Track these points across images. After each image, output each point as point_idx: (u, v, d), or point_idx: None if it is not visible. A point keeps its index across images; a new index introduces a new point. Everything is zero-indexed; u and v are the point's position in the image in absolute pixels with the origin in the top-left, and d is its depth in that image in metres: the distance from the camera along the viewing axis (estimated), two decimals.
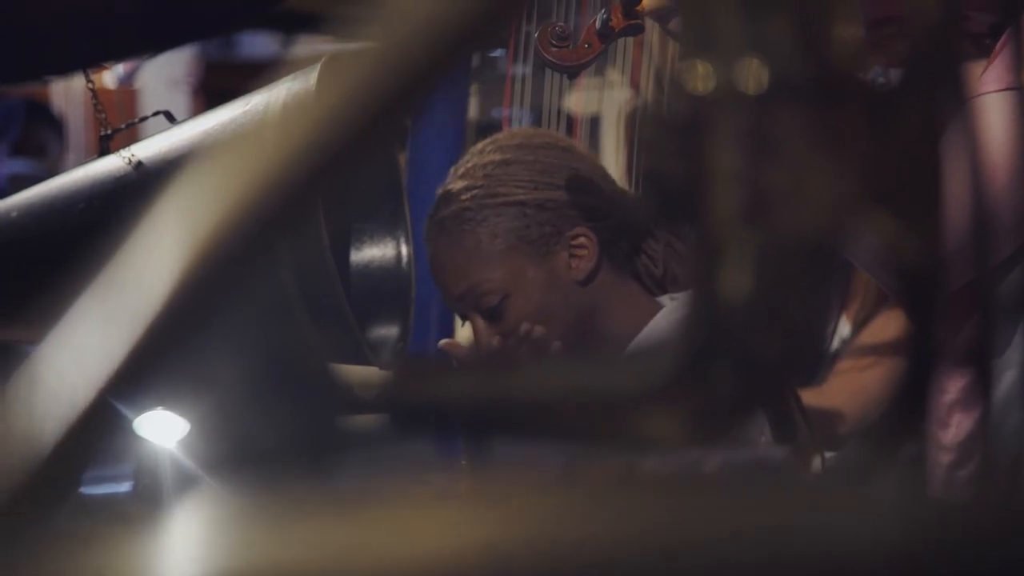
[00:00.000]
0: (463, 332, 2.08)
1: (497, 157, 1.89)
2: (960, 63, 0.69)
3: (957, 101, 0.69)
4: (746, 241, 0.68)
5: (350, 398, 0.79)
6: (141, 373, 0.47)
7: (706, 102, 0.69)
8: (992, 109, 1.47)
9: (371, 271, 1.76)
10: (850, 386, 2.11)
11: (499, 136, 1.94)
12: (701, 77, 0.68)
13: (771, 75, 0.68)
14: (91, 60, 1.41)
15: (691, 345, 0.69)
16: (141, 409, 1.22)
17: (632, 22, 1.75)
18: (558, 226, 1.85)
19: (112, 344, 0.46)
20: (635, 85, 2.48)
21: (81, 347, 0.47)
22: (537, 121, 2.38)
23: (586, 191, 1.87)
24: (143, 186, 1.63)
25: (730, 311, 0.68)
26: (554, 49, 1.76)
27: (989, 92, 1.50)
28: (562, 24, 1.76)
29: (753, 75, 0.68)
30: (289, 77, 1.64)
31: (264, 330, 0.56)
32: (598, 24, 1.75)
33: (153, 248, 0.48)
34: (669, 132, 0.69)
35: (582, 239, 1.85)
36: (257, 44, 5.00)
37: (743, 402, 0.69)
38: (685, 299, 1.85)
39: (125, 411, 1.05)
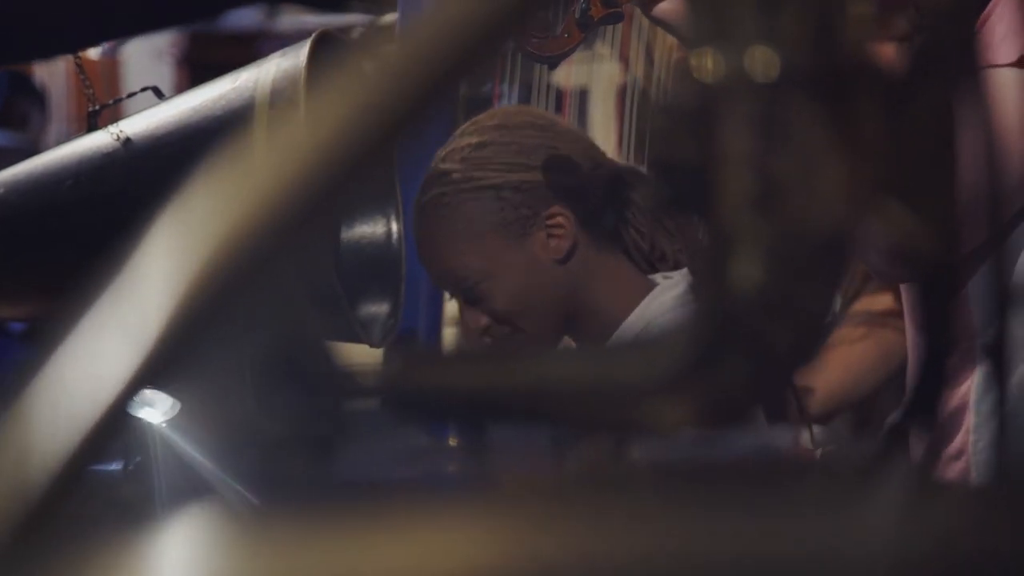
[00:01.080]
0: (452, 309, 2.07)
1: (474, 140, 1.89)
2: (972, 38, 0.68)
3: (968, 77, 0.67)
4: (757, 229, 0.67)
5: (348, 383, 0.77)
6: (154, 378, 0.45)
7: (715, 88, 0.67)
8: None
9: (362, 248, 1.75)
10: (840, 360, 2.10)
11: (481, 117, 1.94)
12: (709, 63, 0.67)
13: (781, 60, 0.66)
14: (88, 41, 1.39)
15: (701, 333, 0.68)
16: None
17: (612, 11, 1.75)
18: (534, 207, 1.85)
19: (126, 351, 0.45)
20: (624, 59, 2.46)
21: (94, 355, 0.45)
22: (527, 95, 2.37)
23: (563, 170, 1.87)
24: (131, 162, 1.61)
25: (741, 300, 0.67)
26: (534, 40, 1.76)
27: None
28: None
29: (762, 60, 0.66)
30: (278, 53, 1.62)
31: (261, 313, 0.55)
32: (577, 14, 1.74)
33: (166, 251, 0.46)
34: (678, 119, 0.68)
35: (559, 218, 1.85)
36: (242, 16, 4.98)
37: (753, 392, 0.68)
38: (679, 278, 1.84)
39: None
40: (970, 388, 1.37)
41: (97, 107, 1.71)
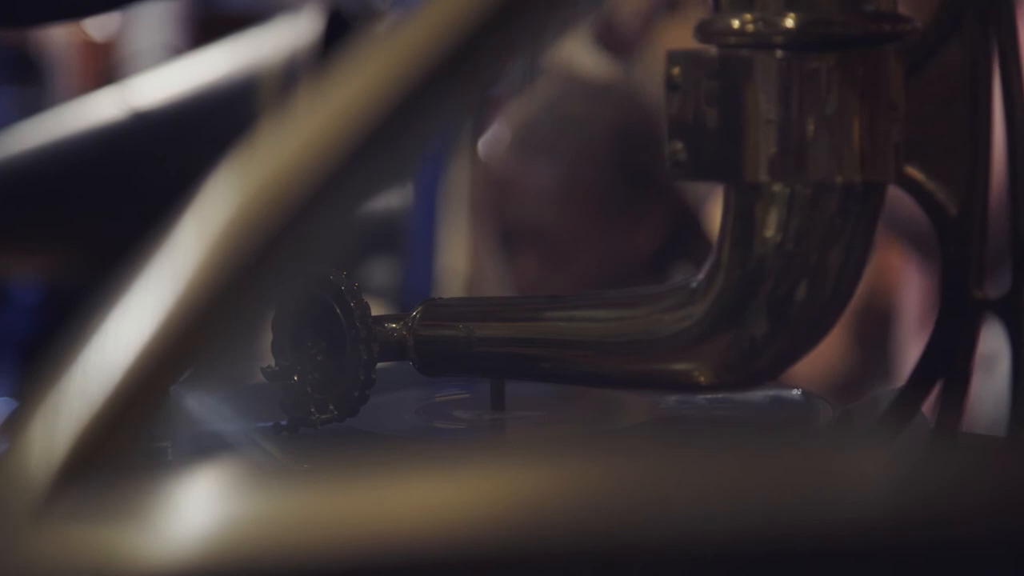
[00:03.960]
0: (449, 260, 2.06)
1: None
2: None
3: (1001, 38, 0.66)
4: (782, 190, 0.65)
5: (373, 337, 0.76)
6: (196, 354, 0.43)
7: (741, 48, 0.65)
8: None
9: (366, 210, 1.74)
10: None
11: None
12: (736, 24, 0.65)
13: (806, 18, 0.65)
14: (97, 7, 1.37)
15: (726, 291, 0.66)
16: None
17: None
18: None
19: (163, 322, 0.43)
20: None
21: (133, 327, 0.44)
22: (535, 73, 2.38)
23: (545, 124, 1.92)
24: (144, 130, 1.59)
25: (764, 260, 0.65)
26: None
27: None
28: None
29: (787, 20, 0.65)
30: (286, 23, 1.60)
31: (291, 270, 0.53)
32: None
33: (199, 228, 0.44)
34: (703, 78, 0.66)
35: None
36: None
37: (774, 352, 0.66)
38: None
39: None
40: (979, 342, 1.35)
41: (108, 76, 1.69)
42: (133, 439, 0.44)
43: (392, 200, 1.77)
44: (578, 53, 2.41)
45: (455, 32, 0.46)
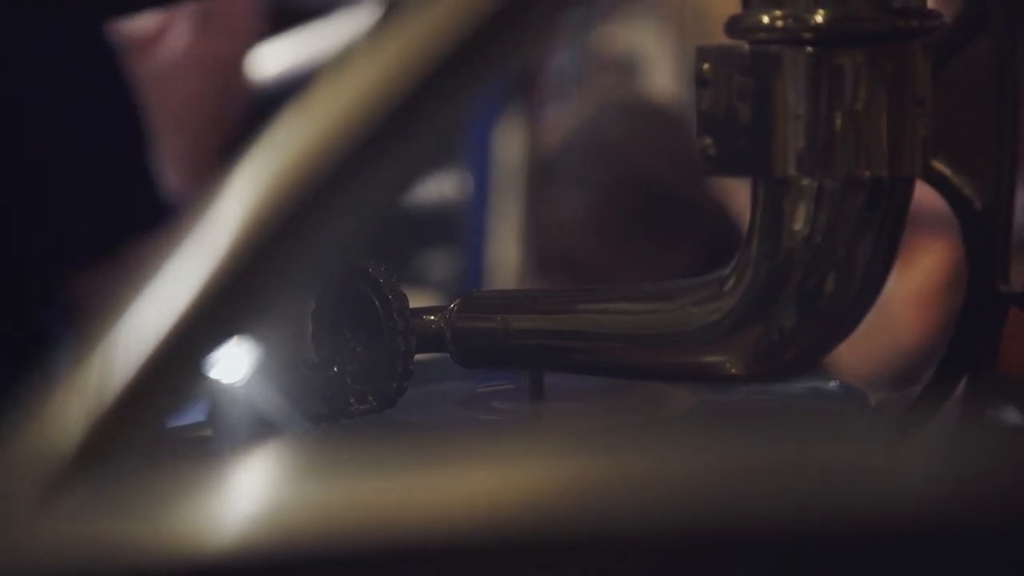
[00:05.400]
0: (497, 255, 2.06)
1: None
2: None
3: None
4: (810, 184, 0.65)
5: (413, 332, 0.76)
6: (229, 322, 0.44)
7: (770, 44, 0.65)
8: None
9: (420, 199, 1.74)
10: None
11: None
12: (765, 20, 0.65)
13: (835, 14, 0.65)
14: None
15: (755, 284, 0.66)
16: None
17: None
18: None
19: (200, 290, 0.43)
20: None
21: (169, 293, 0.44)
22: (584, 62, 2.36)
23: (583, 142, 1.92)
24: None
25: (795, 252, 0.66)
26: None
27: None
28: None
29: (817, 16, 0.65)
30: (349, 14, 1.61)
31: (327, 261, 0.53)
32: None
33: (240, 198, 0.45)
34: (733, 74, 0.66)
35: None
36: None
37: (810, 341, 0.66)
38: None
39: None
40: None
41: None
42: (154, 421, 0.44)
43: (449, 191, 1.77)
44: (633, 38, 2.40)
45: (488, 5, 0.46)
